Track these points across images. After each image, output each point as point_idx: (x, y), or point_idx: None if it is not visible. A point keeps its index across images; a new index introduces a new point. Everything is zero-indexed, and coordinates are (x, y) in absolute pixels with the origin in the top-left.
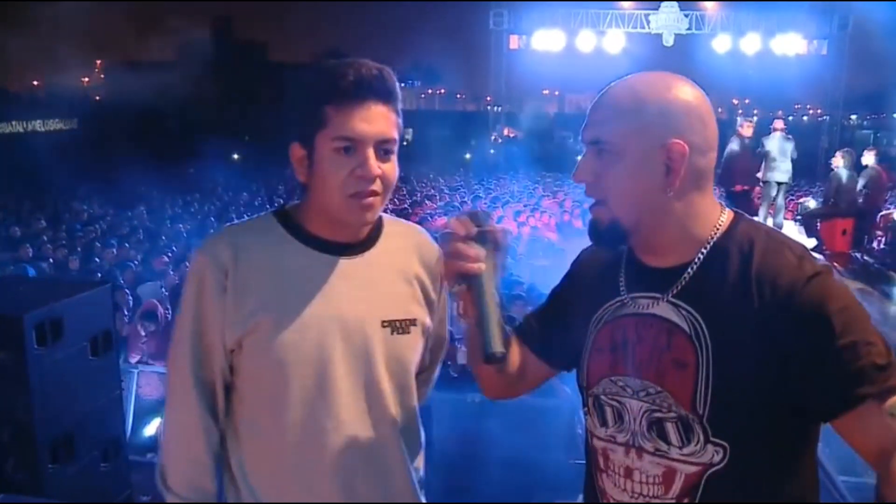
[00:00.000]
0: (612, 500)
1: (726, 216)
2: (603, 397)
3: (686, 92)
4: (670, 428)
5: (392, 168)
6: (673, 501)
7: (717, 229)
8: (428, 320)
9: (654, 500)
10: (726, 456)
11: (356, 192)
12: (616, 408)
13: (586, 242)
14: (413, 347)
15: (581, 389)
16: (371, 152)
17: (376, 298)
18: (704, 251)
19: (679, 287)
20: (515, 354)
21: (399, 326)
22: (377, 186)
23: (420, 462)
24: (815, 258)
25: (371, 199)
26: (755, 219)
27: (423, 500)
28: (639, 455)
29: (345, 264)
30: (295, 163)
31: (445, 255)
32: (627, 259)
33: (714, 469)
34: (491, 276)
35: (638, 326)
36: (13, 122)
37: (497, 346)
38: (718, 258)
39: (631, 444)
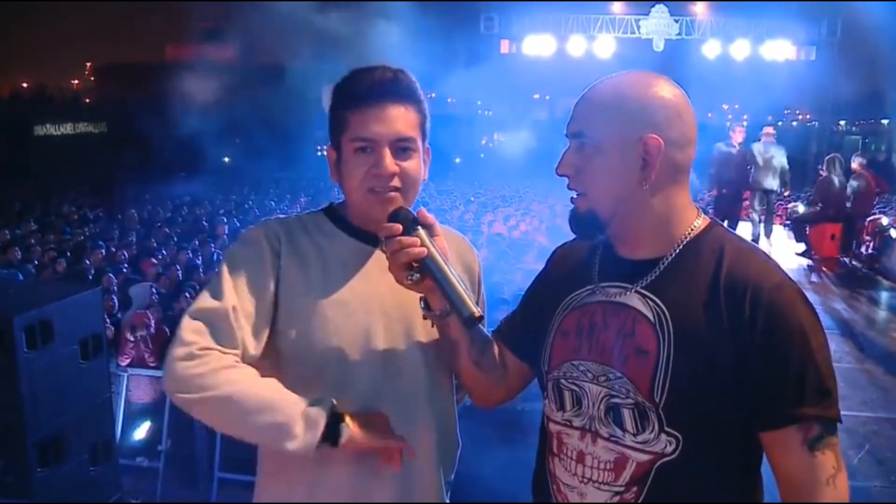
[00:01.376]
0: (561, 485)
1: (701, 220)
2: (563, 381)
3: (664, 89)
4: (626, 414)
5: (413, 165)
6: (621, 488)
7: (692, 230)
8: None
9: (603, 486)
10: (678, 447)
11: (373, 189)
12: (575, 392)
13: None
14: None
15: (542, 374)
16: (386, 151)
17: None
18: (678, 247)
19: (649, 279)
20: (495, 358)
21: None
22: (396, 183)
23: (452, 462)
24: (782, 268)
25: (391, 194)
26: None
27: (447, 501)
28: (593, 440)
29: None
30: (330, 165)
31: (391, 257)
32: (603, 250)
33: (665, 459)
34: (437, 253)
35: (605, 313)
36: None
37: (472, 308)
38: (691, 256)
39: (587, 428)
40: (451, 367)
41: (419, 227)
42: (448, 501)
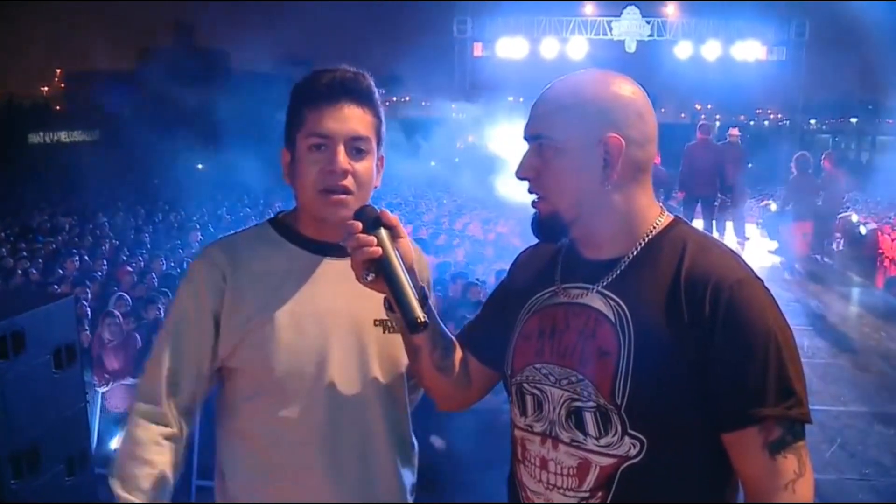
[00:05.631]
0: (528, 492)
1: (664, 218)
2: (525, 385)
3: (623, 87)
4: (589, 417)
5: (366, 167)
6: (586, 494)
7: (655, 228)
8: None
9: (567, 492)
10: (643, 450)
11: (327, 188)
12: (537, 396)
13: None
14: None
15: (506, 378)
16: (341, 148)
17: (368, 298)
18: (639, 246)
19: (610, 278)
20: (459, 362)
21: (391, 325)
22: (348, 183)
23: (412, 465)
24: (747, 264)
25: (343, 196)
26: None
27: (411, 502)
28: (554, 445)
29: (337, 264)
30: (283, 167)
31: (351, 253)
32: (566, 252)
33: (630, 462)
34: (393, 254)
35: (567, 315)
36: None
37: (417, 312)
38: (652, 253)
39: (548, 433)
40: (411, 371)
41: (380, 228)
42: (413, 502)
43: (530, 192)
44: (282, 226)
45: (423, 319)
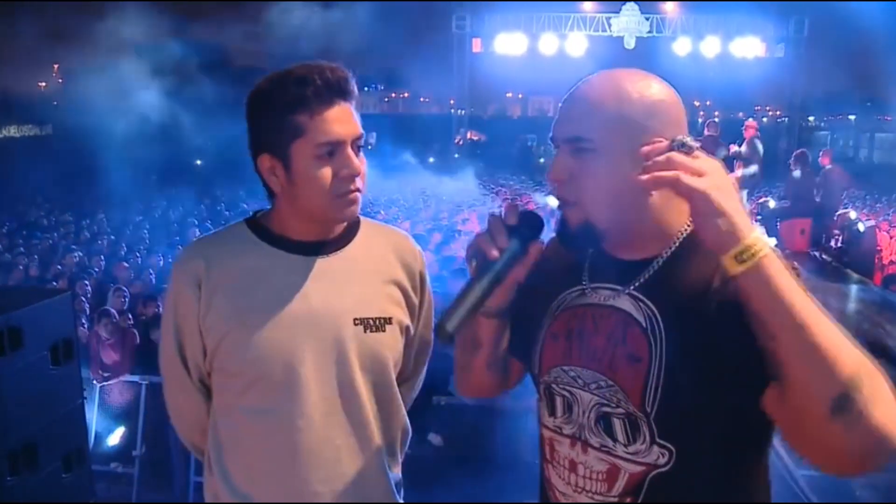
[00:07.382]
0: (556, 492)
1: None
2: (554, 386)
3: (665, 90)
4: (617, 424)
5: (364, 162)
6: (615, 499)
7: (688, 227)
8: (407, 321)
9: (596, 496)
10: (672, 459)
11: (340, 193)
12: (567, 398)
13: None
14: (389, 346)
15: (533, 376)
16: (351, 152)
17: (349, 296)
18: (672, 246)
19: (641, 280)
20: (505, 360)
21: (372, 324)
22: (359, 183)
23: (398, 463)
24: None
25: (355, 194)
26: None
27: (401, 502)
28: (584, 449)
29: (316, 263)
30: (265, 173)
31: (482, 229)
32: (595, 249)
33: (659, 471)
34: (502, 268)
35: (596, 317)
36: None
37: (451, 324)
38: (685, 255)
39: (577, 436)
40: (460, 362)
41: (515, 240)
42: (402, 501)
43: (558, 196)
44: (259, 227)
45: (450, 332)
